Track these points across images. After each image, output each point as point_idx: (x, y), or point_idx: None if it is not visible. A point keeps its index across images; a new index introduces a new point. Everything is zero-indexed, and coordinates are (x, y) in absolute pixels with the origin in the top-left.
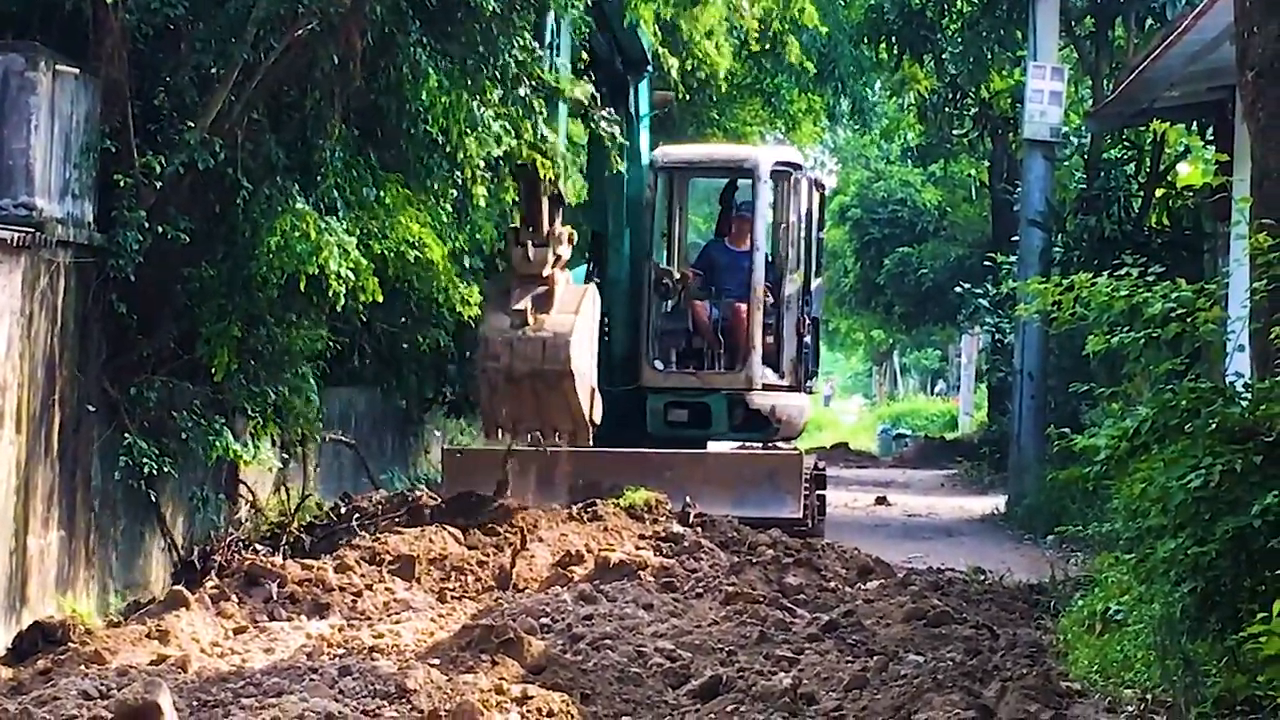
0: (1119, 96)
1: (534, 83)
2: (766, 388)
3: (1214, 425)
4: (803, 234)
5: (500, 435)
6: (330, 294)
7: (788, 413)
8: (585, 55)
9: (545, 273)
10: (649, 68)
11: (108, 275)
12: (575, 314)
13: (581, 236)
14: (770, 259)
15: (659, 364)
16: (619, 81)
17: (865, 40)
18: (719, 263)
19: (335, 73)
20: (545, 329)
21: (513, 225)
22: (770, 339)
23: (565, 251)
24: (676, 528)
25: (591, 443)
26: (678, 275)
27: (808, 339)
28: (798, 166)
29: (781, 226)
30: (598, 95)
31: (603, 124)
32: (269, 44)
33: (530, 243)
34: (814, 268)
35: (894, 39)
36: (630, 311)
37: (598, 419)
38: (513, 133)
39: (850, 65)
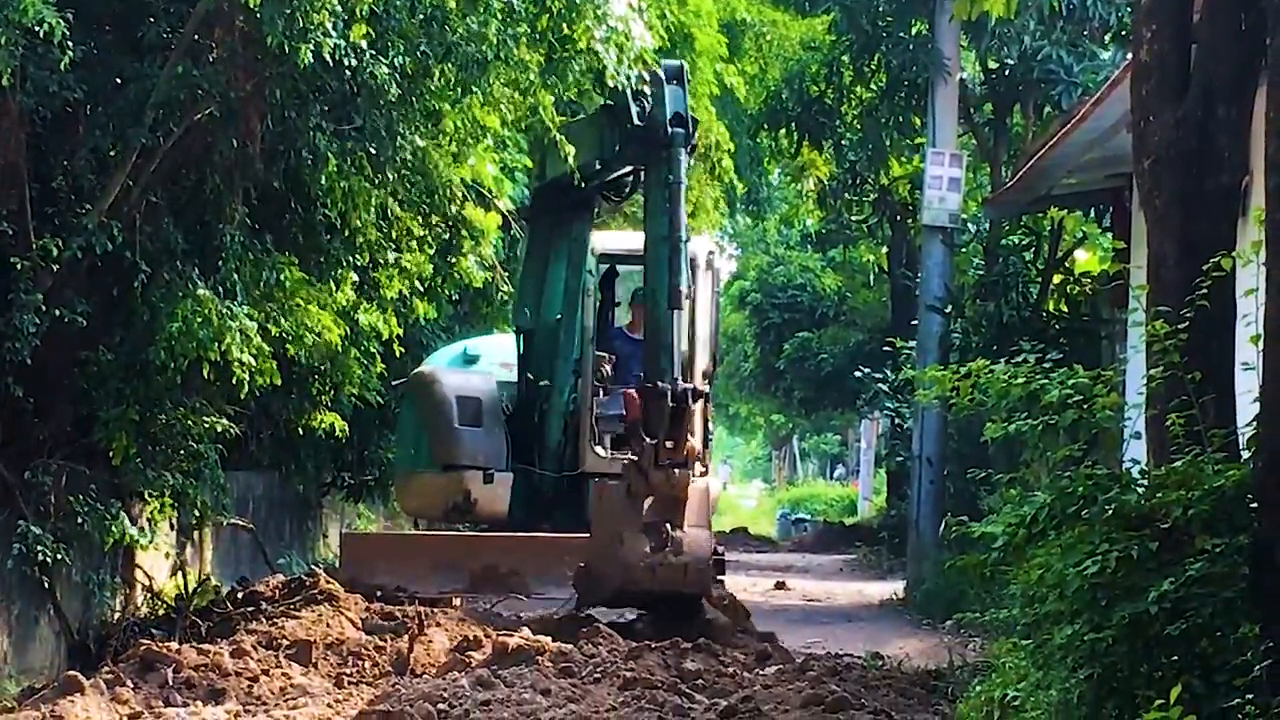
0: (1017, 183)
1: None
2: None
3: (1111, 512)
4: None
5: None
6: (234, 380)
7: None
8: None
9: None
10: (693, 127)
11: (4, 359)
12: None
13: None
14: None
15: (600, 450)
16: (656, 146)
17: (764, 128)
18: (622, 351)
19: (235, 156)
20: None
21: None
22: None
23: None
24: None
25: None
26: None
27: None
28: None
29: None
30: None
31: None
32: (168, 127)
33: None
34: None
35: (793, 125)
36: (567, 399)
37: None
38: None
39: (745, 156)
